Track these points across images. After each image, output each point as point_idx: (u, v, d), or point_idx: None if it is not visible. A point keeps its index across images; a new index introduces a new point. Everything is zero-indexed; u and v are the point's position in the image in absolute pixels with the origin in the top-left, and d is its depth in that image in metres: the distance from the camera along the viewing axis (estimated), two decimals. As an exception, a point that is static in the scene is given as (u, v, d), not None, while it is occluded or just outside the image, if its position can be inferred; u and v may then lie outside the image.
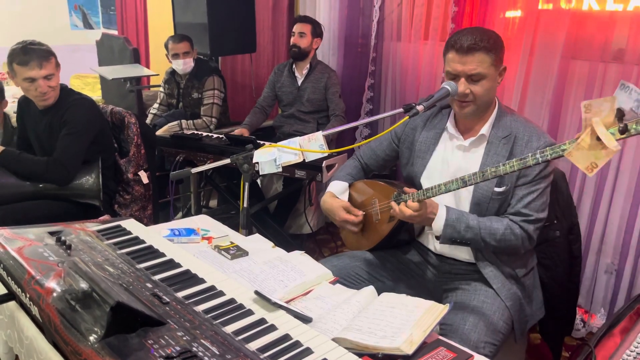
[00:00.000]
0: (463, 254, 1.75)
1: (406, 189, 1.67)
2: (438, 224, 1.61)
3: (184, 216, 3.65)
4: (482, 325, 1.55)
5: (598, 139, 1.19)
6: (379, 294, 1.41)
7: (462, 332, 1.53)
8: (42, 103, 2.47)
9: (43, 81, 2.40)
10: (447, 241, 1.64)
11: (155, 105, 3.86)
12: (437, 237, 1.65)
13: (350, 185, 1.94)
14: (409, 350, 1.13)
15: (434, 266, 1.82)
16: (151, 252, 1.45)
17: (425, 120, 1.82)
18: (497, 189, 1.64)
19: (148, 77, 4.24)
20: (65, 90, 2.54)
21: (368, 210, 1.86)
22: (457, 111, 1.69)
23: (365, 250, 1.90)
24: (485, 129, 1.69)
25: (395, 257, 1.87)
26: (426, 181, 1.77)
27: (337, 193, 1.91)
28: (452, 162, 1.74)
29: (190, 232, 1.73)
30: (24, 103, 2.62)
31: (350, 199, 1.92)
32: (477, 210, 1.67)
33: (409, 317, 1.24)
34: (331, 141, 3.47)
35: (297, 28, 3.42)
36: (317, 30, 3.44)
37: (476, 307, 1.62)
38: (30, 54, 2.36)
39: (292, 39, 3.45)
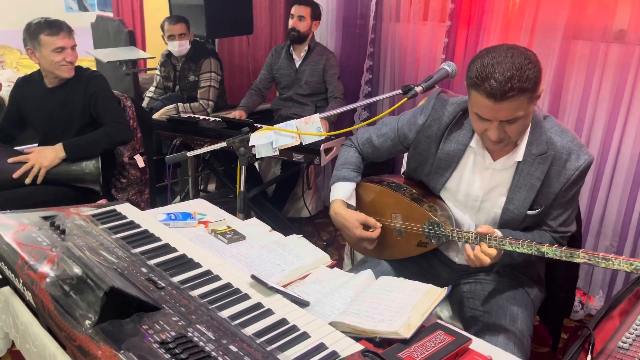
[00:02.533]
0: None
1: (483, 227, 1.44)
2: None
3: (182, 200, 3.64)
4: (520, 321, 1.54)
5: None
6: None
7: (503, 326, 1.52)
8: (67, 74, 2.48)
9: (71, 50, 2.45)
10: (500, 267, 1.59)
11: (152, 89, 3.82)
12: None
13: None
14: (407, 334, 1.12)
15: (448, 265, 1.75)
16: (147, 237, 1.43)
17: (442, 130, 1.60)
18: (530, 212, 1.54)
19: (144, 59, 4.20)
20: (77, 67, 2.56)
21: (384, 221, 1.70)
22: (488, 147, 1.52)
23: (380, 259, 1.78)
24: (520, 151, 1.51)
25: (411, 262, 1.75)
26: (449, 201, 1.65)
27: (346, 198, 1.72)
28: (477, 182, 1.58)
29: (186, 216, 1.71)
30: (24, 83, 2.60)
31: (358, 199, 1.77)
32: (504, 228, 1.57)
33: (407, 301, 1.23)
34: (332, 123, 3.44)
35: (295, 11, 3.35)
36: (316, 13, 3.38)
37: (502, 300, 1.59)
38: (59, 24, 2.42)
39: (290, 22, 3.37)
